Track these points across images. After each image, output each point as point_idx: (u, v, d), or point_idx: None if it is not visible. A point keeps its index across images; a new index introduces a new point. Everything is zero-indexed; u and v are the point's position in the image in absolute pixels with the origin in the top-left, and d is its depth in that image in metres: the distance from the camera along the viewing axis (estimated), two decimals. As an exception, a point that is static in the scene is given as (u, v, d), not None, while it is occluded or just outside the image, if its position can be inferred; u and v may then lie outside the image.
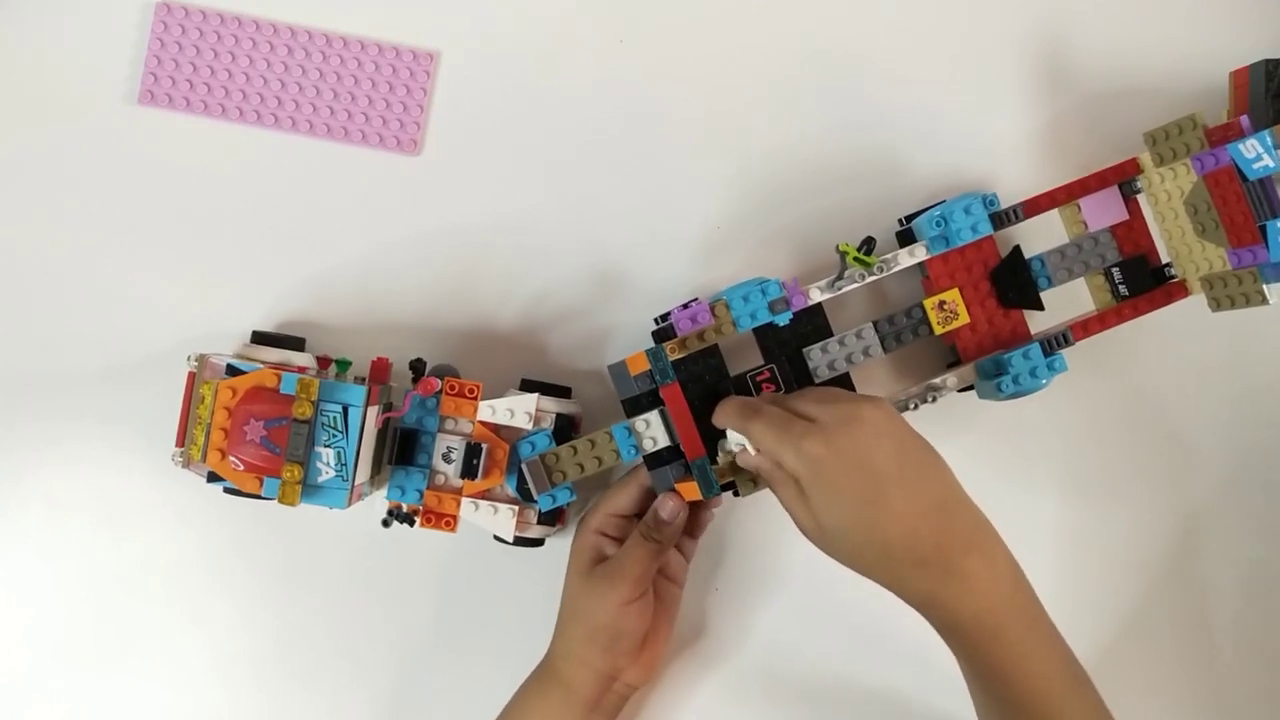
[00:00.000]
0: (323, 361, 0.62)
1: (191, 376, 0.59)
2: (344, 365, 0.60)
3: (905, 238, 0.65)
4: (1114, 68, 0.69)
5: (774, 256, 0.68)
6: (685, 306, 0.61)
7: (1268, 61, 0.60)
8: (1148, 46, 0.69)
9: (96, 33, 0.66)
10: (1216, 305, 0.61)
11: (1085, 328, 0.63)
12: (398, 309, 0.67)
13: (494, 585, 0.67)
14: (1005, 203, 0.63)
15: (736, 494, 0.61)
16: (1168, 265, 0.64)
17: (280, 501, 0.57)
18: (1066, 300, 0.65)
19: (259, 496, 0.57)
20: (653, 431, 0.61)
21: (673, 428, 0.61)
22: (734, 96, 0.68)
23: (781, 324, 0.62)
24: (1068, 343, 0.62)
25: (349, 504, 0.57)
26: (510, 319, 0.67)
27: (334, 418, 0.56)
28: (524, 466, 0.60)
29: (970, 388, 0.64)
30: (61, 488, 0.66)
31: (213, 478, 0.59)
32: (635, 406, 0.62)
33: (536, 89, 0.68)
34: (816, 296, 0.62)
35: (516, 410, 0.61)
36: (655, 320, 0.63)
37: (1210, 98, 0.66)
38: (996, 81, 0.69)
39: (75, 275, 0.66)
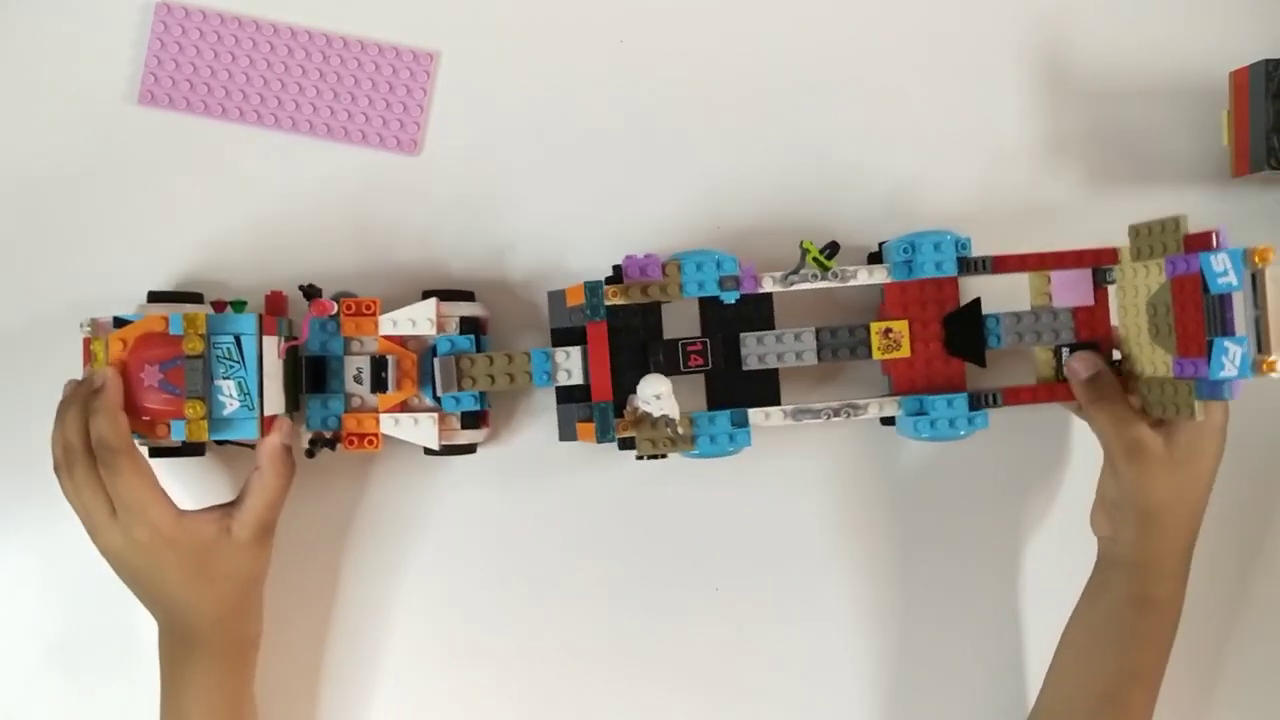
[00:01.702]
0: (218, 306, 0.61)
1: (87, 342, 0.59)
2: (240, 305, 0.60)
3: (878, 260, 0.65)
4: (1113, 67, 0.69)
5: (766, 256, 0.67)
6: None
7: (1268, 62, 0.61)
8: (1147, 46, 0.69)
9: (96, 33, 0.66)
10: (1149, 409, 0.61)
11: (1017, 395, 0.63)
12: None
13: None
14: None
15: (639, 457, 0.61)
16: (1118, 360, 0.64)
17: (189, 440, 0.57)
18: (1012, 361, 0.66)
19: (172, 449, 0.58)
20: (570, 364, 0.61)
21: (587, 366, 0.61)
22: (735, 97, 0.68)
23: (727, 302, 0.62)
24: (996, 403, 0.62)
25: (261, 433, 0.58)
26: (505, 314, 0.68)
27: (228, 349, 0.57)
28: (435, 363, 0.60)
29: (892, 420, 0.64)
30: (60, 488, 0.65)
31: None
32: (563, 338, 0.62)
33: (536, 88, 0.68)
34: (768, 286, 0.62)
35: (418, 318, 0.61)
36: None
37: (1210, 98, 0.67)
38: (996, 85, 0.69)
39: (73, 275, 0.66)
